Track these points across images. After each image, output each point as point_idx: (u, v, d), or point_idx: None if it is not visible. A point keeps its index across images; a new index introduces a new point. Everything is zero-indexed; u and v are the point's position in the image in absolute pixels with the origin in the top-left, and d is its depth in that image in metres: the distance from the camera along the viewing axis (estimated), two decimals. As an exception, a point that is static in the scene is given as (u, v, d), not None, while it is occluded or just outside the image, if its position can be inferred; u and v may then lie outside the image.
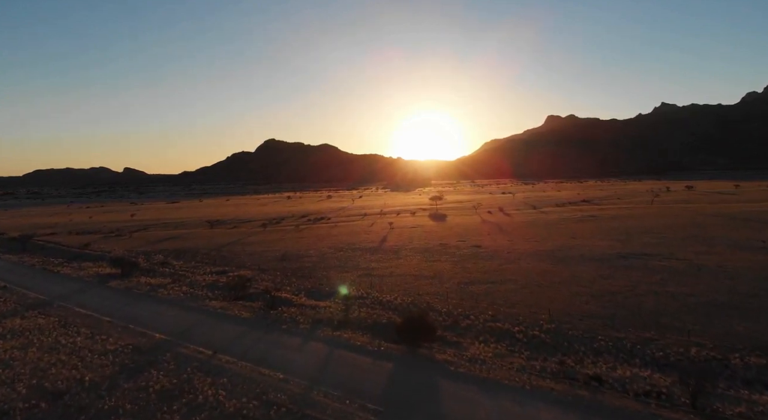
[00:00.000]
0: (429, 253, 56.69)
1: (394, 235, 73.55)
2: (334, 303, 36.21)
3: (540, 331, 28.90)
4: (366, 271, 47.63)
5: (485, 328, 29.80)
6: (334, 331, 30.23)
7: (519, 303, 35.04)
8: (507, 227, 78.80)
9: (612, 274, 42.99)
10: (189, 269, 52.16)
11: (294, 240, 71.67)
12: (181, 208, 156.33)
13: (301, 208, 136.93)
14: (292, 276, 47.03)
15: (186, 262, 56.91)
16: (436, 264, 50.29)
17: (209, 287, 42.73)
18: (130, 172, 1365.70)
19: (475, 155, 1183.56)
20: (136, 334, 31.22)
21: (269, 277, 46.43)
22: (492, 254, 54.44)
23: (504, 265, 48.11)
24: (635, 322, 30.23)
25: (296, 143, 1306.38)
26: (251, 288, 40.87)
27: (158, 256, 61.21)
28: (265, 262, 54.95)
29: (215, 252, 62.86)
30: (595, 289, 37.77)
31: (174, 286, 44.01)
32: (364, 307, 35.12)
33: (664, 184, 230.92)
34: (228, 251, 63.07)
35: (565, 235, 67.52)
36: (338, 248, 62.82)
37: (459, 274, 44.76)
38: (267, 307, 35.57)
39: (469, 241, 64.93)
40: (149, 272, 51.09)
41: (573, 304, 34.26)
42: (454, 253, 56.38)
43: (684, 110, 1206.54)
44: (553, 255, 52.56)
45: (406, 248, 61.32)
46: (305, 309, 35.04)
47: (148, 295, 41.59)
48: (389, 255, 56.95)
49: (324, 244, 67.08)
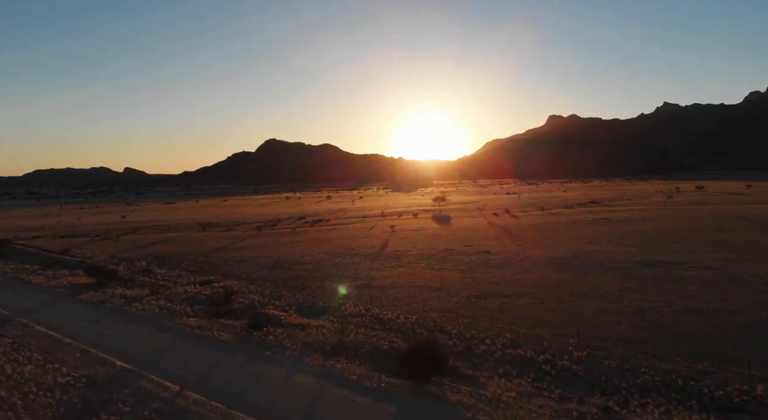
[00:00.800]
0: (434, 260, 52.22)
1: (395, 239, 69.18)
2: (328, 322, 31.88)
3: (570, 360, 24.43)
4: (365, 282, 43.20)
5: (504, 357, 25.31)
6: (326, 359, 25.73)
7: (540, 322, 30.71)
8: (515, 231, 74.39)
9: (639, 286, 38.61)
10: (171, 278, 47.82)
11: (289, 245, 67.27)
12: (176, 210, 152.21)
13: (300, 210, 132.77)
14: (283, 287, 42.67)
15: (170, 269, 52.59)
16: (442, 273, 45.92)
17: (190, 301, 38.35)
18: (131, 172, 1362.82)
19: (476, 155, 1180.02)
20: (95, 361, 26.84)
21: (258, 288, 42.03)
22: (503, 261, 50.00)
23: (517, 275, 43.75)
24: (680, 349, 25.72)
25: (297, 143, 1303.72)
26: (236, 303, 36.52)
27: (141, 262, 56.90)
28: (256, 270, 50.55)
29: (203, 258, 58.54)
30: (624, 305, 33.34)
31: (151, 299, 39.68)
32: (362, 327, 30.73)
33: (672, 185, 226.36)
34: (217, 257, 58.74)
35: (578, 239, 63.15)
36: (336, 254, 58.40)
37: (468, 286, 40.40)
38: (251, 327, 31.15)
39: (476, 247, 60.52)
40: (128, 282, 46.77)
41: (602, 325, 29.89)
42: (462, 260, 51.93)
43: (686, 110, 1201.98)
44: (569, 263, 48.10)
45: (409, 254, 56.89)
46: (294, 330, 30.60)
47: (121, 310, 37.26)
48: (391, 262, 52.54)
49: (321, 249, 62.70)
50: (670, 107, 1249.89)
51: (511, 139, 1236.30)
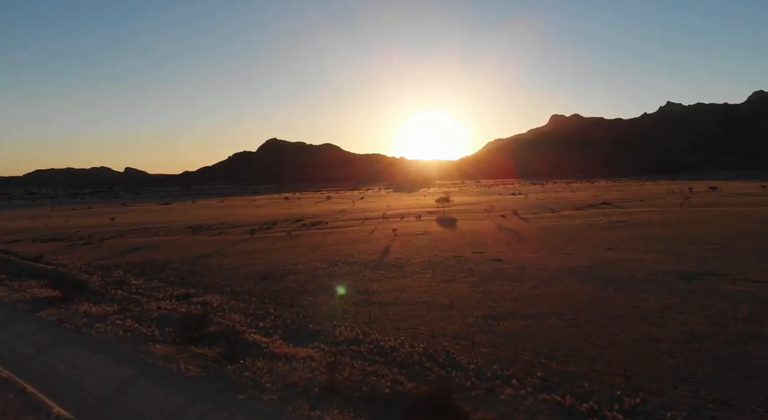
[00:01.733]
0: (441, 269, 47.14)
1: (398, 245, 64.06)
2: (319, 351, 26.73)
3: (621, 411, 19.07)
4: (364, 296, 38.11)
5: (538, 405, 19.88)
6: (312, 408, 20.32)
7: (575, 353, 25.56)
8: (527, 235, 69.23)
9: (681, 304, 33.39)
10: (147, 291, 42.79)
11: (282, 250, 62.16)
12: (169, 211, 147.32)
13: (298, 211, 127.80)
14: (270, 303, 37.65)
15: (148, 280, 47.47)
16: (451, 285, 40.79)
17: (160, 321, 33.29)
18: (131, 172, 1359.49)
19: (478, 155, 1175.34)
20: (27, 406, 21.56)
21: (241, 304, 36.93)
22: (519, 272, 44.81)
23: (538, 289, 38.63)
24: (756, 393, 20.39)
25: (298, 143, 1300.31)
26: (212, 324, 31.52)
27: (118, 271, 51.79)
28: (242, 281, 45.35)
29: (187, 266, 53.47)
30: (671, 330, 27.94)
31: (118, 318, 34.59)
32: (359, 358, 25.57)
33: (682, 185, 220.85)
34: (202, 265, 53.62)
35: (598, 245, 58.01)
36: (333, 262, 53.28)
37: (483, 302, 35.19)
38: (225, 358, 26.14)
39: (486, 253, 55.32)
40: (97, 296, 41.70)
41: (651, 357, 24.59)
42: (472, 269, 46.74)
43: (689, 109, 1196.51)
44: (594, 274, 42.90)
45: (413, 262, 51.79)
46: (277, 362, 25.43)
47: (81, 332, 32.16)
48: (393, 271, 47.44)
49: (317, 256, 57.58)
50: (673, 107, 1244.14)
51: (513, 139, 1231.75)
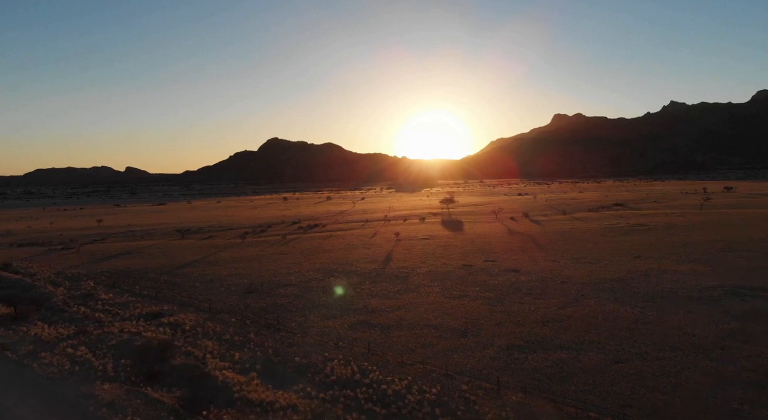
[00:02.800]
0: (450, 282, 41.67)
1: (401, 251, 58.47)
2: (304, 397, 20.98)
3: None
4: (363, 316, 32.62)
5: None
6: None
7: (631, 404, 19.53)
8: (542, 240, 63.61)
9: (742, 329, 27.50)
10: (114, 308, 37.38)
11: (274, 258, 56.54)
12: (163, 212, 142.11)
13: (296, 212, 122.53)
14: (252, 325, 32.26)
15: (119, 293, 42.08)
16: (463, 303, 35.17)
17: (119, 350, 27.85)
18: (132, 172, 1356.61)
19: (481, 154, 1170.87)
20: None
21: (218, 327, 31.34)
22: (540, 286, 39.23)
23: (567, 309, 32.92)
24: None
25: (299, 142, 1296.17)
26: (178, 355, 26.30)
27: (88, 283, 46.38)
28: (225, 295, 39.88)
29: (166, 277, 48.06)
30: (743, 368, 22.31)
31: (70, 344, 29.17)
32: (354, 411, 20.04)
33: (695, 185, 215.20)
34: (183, 276, 48.14)
35: (623, 252, 52.36)
36: (329, 271, 47.77)
37: (504, 326, 29.56)
38: (185, 407, 20.93)
39: (500, 262, 49.63)
40: (56, 314, 36.40)
41: (734, 412, 18.87)
42: (486, 282, 41.13)
43: (693, 108, 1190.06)
44: (629, 289, 37.19)
45: (419, 272, 46.23)
46: (249, 416, 20.17)
47: (20, 363, 26.68)
48: (396, 284, 42.00)
49: (311, 264, 51.99)
50: (677, 106, 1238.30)
51: (516, 139, 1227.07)
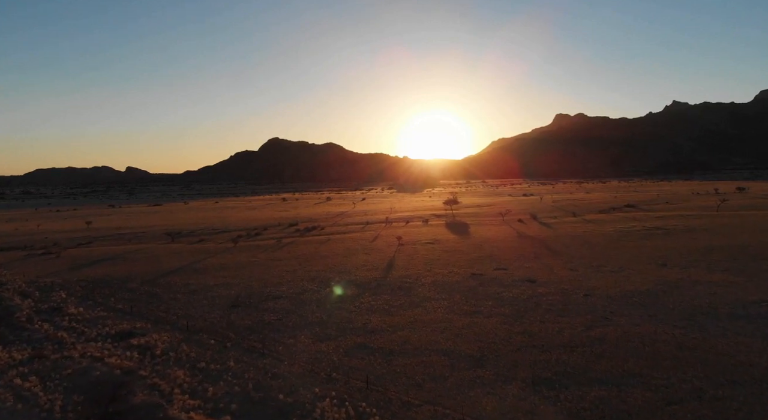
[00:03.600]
0: (460, 294, 37.35)
1: (404, 257, 54.11)
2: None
3: None
4: (361, 338, 28.33)
5: None
6: None
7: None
8: (555, 245, 59.29)
9: (811, 357, 23.78)
10: (82, 325, 33.10)
11: (267, 265, 52.18)
12: (157, 213, 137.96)
13: (294, 214, 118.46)
14: (233, 348, 27.93)
15: (91, 306, 37.73)
16: (476, 321, 30.73)
17: (72, 382, 23.26)
18: (132, 172, 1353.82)
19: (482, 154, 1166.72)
20: None
21: (194, 350, 26.94)
22: (561, 300, 34.80)
23: (595, 329, 28.37)
24: None
25: (300, 142, 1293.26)
26: (140, 391, 22.01)
27: (60, 293, 42.07)
28: (207, 309, 35.57)
29: (148, 286, 43.93)
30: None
31: (20, 372, 24.81)
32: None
33: (704, 186, 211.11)
34: (166, 285, 43.87)
35: (646, 259, 47.94)
36: (324, 281, 43.41)
37: (525, 351, 25.25)
38: None
39: (512, 270, 45.29)
40: (15, 331, 31.98)
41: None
42: (500, 294, 36.77)
43: (696, 108, 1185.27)
44: (661, 304, 32.80)
45: (424, 282, 41.97)
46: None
47: (-46, 399, 23.19)
48: (399, 296, 37.67)
49: (306, 272, 47.62)
50: (679, 106, 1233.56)
51: (518, 138, 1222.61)
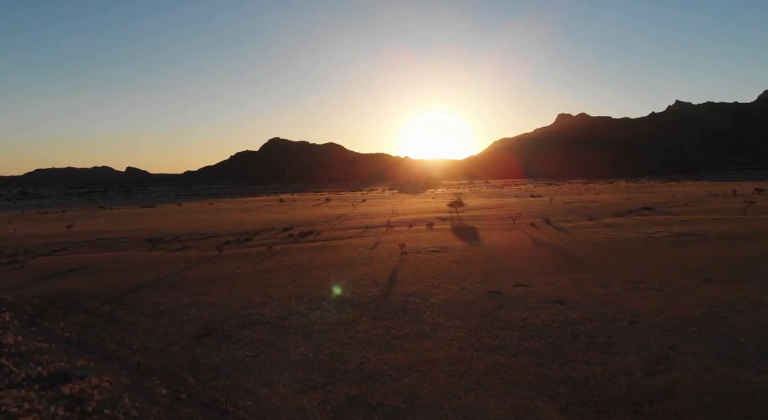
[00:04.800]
0: (477, 319, 30.37)
1: (408, 268, 47.02)
2: None
3: None
4: (356, 388, 21.87)
5: None
6: None
7: None
8: (578, 254, 52.02)
9: None
10: (13, 360, 26.18)
11: (251, 278, 45.20)
12: (147, 215, 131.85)
13: (290, 216, 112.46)
14: (189, 400, 20.98)
15: (35, 334, 30.91)
16: (501, 361, 24.01)
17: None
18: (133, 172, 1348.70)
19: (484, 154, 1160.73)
20: None
21: (137, 404, 20.47)
22: (602, 329, 27.86)
23: (656, 375, 21.72)
24: None
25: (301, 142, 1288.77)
26: None
27: (5, 314, 35.24)
28: (170, 339, 29.03)
29: (110, 305, 37.44)
30: None
31: None
32: None
33: (718, 186, 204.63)
34: (131, 305, 37.07)
35: (686, 273, 41.06)
36: (315, 300, 36.55)
37: (573, 411, 18.83)
38: None
39: (535, 286, 38.23)
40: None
41: None
42: (525, 321, 29.77)
43: (699, 108, 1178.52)
44: (727, 335, 26.26)
45: (433, 302, 34.96)
46: None
47: None
48: (403, 322, 30.74)
49: (295, 287, 40.83)
50: (682, 105, 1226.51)
51: (520, 138, 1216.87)
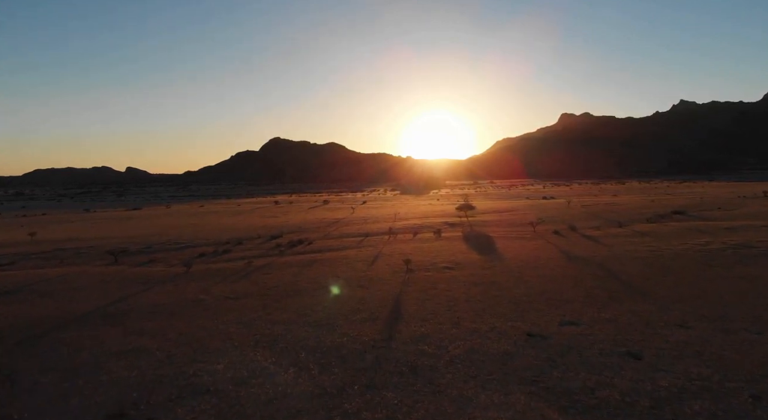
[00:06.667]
0: (523, 391, 15.37)
1: (415, 294, 32.87)
2: None
3: None
4: None
5: None
6: None
7: None
8: (625, 274, 36.28)
9: None
10: None
11: (216, 308, 31.81)
12: (128, 220, 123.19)
13: (282, 221, 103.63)
14: None
15: None
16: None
17: None
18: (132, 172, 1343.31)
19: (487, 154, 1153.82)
20: None
21: None
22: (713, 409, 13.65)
23: None
24: None
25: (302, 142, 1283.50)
26: None
27: None
28: None
29: (16, 353, 26.57)
30: None
31: None
32: None
33: (740, 187, 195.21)
34: (47, 352, 24.22)
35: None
36: (291, 349, 22.07)
37: None
38: None
39: (589, 325, 23.74)
40: None
41: None
42: (593, 390, 15.34)
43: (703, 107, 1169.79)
44: None
45: (452, 354, 18.36)
46: None
47: None
48: (412, 398, 14.75)
49: (267, 325, 26.67)
50: (686, 105, 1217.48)
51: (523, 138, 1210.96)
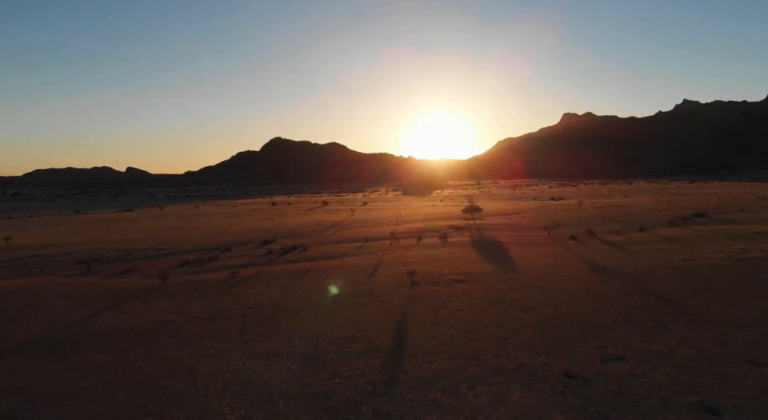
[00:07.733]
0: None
1: (421, 315, 26.48)
2: None
3: None
4: None
5: None
6: None
7: None
8: (665, 289, 31.16)
9: None
10: None
11: (186, 334, 25.58)
12: (117, 222, 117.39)
13: (277, 223, 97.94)
14: None
15: None
16: None
17: None
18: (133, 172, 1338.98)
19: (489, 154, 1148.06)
20: None
21: None
22: None
23: None
24: None
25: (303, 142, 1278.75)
26: None
27: None
28: None
29: None
30: None
31: None
32: None
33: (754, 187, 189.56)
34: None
35: None
36: (266, 396, 15.12)
37: None
38: None
39: (636, 359, 18.27)
40: None
41: None
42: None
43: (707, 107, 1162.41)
44: None
45: (475, 406, 13.19)
46: None
47: None
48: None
49: (242, 361, 20.42)
50: (689, 104, 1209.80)
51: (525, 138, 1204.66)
